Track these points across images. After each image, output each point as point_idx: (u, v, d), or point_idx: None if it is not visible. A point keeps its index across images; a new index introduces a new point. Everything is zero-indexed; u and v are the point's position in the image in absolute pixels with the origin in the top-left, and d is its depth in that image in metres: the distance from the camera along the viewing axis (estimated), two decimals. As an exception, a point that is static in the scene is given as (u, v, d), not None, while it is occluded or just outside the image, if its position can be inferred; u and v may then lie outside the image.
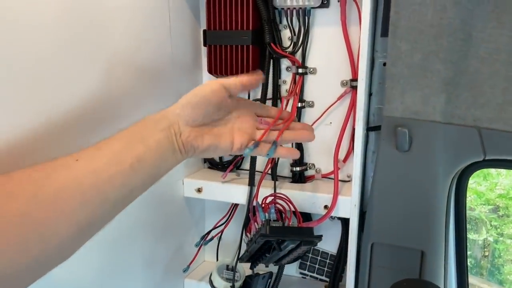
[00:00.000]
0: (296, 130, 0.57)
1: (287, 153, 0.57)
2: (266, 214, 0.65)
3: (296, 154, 0.58)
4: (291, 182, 0.83)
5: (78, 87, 0.57)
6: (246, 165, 0.87)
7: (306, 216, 0.82)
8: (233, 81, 0.51)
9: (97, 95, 0.60)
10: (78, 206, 0.39)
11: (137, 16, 0.67)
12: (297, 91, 0.78)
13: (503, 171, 2.00)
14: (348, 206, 0.72)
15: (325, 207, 0.73)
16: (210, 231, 0.85)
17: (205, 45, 0.82)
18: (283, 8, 0.77)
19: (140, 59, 0.69)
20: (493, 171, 2.00)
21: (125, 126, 0.48)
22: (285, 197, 0.71)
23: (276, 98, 0.82)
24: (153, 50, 0.72)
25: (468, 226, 0.80)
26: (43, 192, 0.38)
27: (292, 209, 0.70)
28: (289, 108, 0.81)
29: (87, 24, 0.57)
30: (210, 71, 0.82)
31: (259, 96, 0.81)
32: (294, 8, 0.76)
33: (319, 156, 0.83)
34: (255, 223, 0.68)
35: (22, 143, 0.48)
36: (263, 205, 0.69)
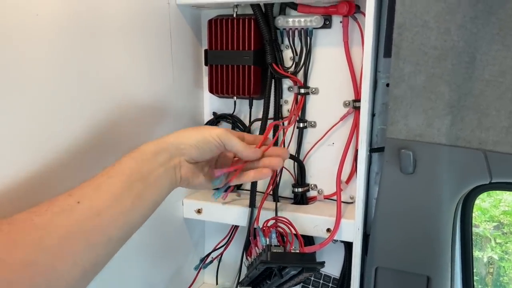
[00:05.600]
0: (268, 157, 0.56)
1: (256, 176, 0.55)
2: (267, 239, 0.63)
3: (267, 174, 0.55)
4: (293, 203, 0.82)
5: (81, 114, 0.56)
6: (247, 185, 0.85)
7: (309, 239, 0.80)
8: (239, 146, 0.52)
9: (100, 122, 0.59)
10: (83, 249, 0.39)
11: (138, 37, 0.66)
12: (298, 111, 0.77)
13: (507, 187, 1.97)
14: (351, 229, 0.70)
15: (328, 230, 0.72)
16: (210, 253, 0.83)
17: (206, 64, 0.81)
18: (285, 29, 0.76)
19: (141, 80, 0.68)
20: (497, 187, 1.97)
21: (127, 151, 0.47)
22: (287, 221, 0.69)
23: (278, 118, 0.81)
24: (155, 70, 0.72)
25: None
26: (48, 239, 0.37)
27: (294, 232, 0.69)
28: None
29: (88, 48, 0.57)
30: (211, 90, 0.81)
31: (260, 116, 0.81)
32: (296, 28, 0.75)
33: (321, 177, 0.82)
34: (256, 247, 0.66)
35: (26, 178, 0.48)
36: (264, 229, 0.68)
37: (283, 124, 0.80)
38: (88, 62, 0.57)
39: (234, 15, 0.77)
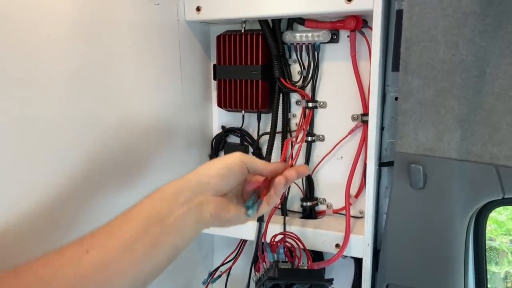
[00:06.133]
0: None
1: (275, 190, 0.50)
2: (275, 255, 0.63)
3: (281, 182, 0.49)
4: (302, 217, 0.81)
5: (90, 129, 0.57)
6: (256, 199, 0.85)
7: (317, 253, 0.79)
8: (261, 163, 0.50)
9: (109, 136, 0.60)
10: None
11: (148, 53, 0.68)
12: (306, 125, 0.77)
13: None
14: (361, 245, 0.69)
15: (337, 245, 0.71)
16: (218, 267, 0.83)
17: (215, 79, 0.82)
18: (292, 44, 0.77)
19: (151, 95, 0.69)
20: (513, 199, 1.92)
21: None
22: (295, 236, 0.69)
23: (286, 131, 0.81)
24: (164, 85, 0.73)
25: (488, 257, 0.76)
26: None
27: (302, 247, 0.68)
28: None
29: (97, 64, 0.58)
30: (219, 104, 0.82)
31: (268, 130, 0.81)
32: (304, 43, 0.76)
33: (330, 191, 0.81)
34: (264, 263, 0.66)
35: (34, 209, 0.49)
36: (272, 244, 0.67)
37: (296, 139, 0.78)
38: (98, 78, 0.58)
39: (242, 31, 0.77)
